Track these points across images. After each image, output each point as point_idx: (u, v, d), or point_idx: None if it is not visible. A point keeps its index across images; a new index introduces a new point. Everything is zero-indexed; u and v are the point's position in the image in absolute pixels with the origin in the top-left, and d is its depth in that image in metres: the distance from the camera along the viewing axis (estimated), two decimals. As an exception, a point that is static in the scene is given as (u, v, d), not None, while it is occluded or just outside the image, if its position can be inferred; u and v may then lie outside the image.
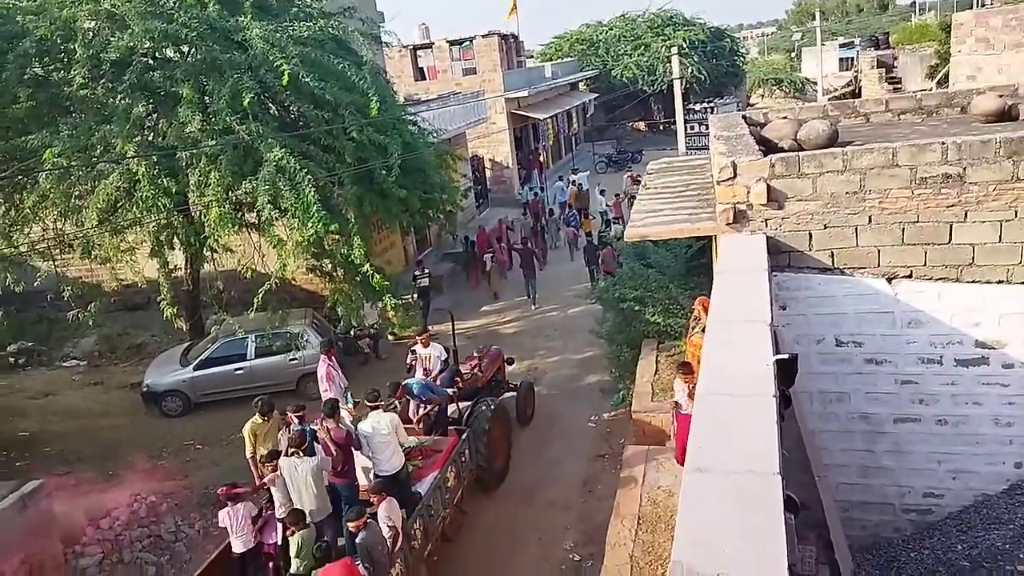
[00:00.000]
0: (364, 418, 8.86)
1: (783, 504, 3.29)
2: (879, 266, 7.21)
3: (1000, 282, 7.00)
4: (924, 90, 26.16)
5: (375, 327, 15.53)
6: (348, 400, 10.36)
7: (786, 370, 4.86)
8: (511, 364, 13.41)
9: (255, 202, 11.11)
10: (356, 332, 15.48)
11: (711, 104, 45.19)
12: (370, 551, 7.24)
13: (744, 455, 3.63)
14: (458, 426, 10.61)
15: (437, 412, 10.53)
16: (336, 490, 8.37)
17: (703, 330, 7.24)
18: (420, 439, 10.06)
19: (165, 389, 14.11)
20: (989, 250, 6.94)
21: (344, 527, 7.65)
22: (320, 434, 8.35)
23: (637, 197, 9.98)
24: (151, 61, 11.87)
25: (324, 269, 13.10)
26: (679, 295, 11.17)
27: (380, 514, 7.72)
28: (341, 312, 13.07)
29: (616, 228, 20.03)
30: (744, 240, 7.21)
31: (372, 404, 8.89)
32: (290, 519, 7.66)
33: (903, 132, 8.92)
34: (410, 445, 9.52)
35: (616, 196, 24.36)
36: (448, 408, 10.84)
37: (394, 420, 8.80)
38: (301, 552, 7.57)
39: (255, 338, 13.96)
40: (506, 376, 13.14)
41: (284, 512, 7.93)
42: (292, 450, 8.02)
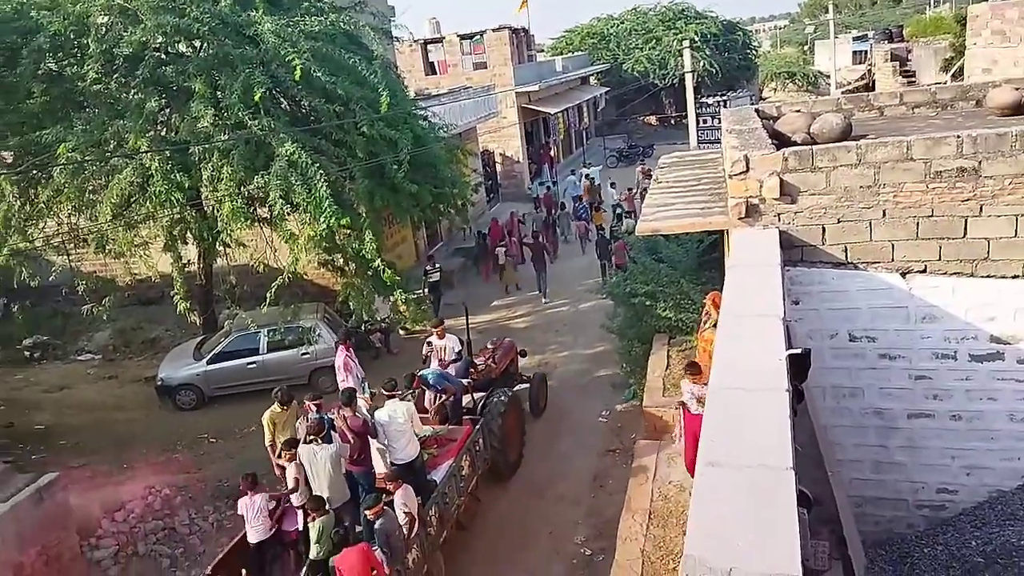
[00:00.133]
0: (381, 407, 8.96)
1: (796, 499, 3.27)
2: (893, 260, 7.14)
3: (1016, 277, 6.91)
4: (939, 83, 25.93)
5: (386, 321, 15.58)
6: (365, 390, 10.44)
7: (799, 365, 4.82)
8: (524, 356, 13.44)
9: (267, 197, 11.17)
10: (368, 327, 15.50)
11: (723, 98, 44.87)
12: (388, 537, 7.42)
13: (757, 449, 3.59)
14: (473, 416, 10.69)
15: (452, 402, 10.62)
16: (353, 477, 8.48)
17: (714, 325, 7.22)
18: (435, 428, 10.18)
19: (179, 383, 14.22)
20: (1004, 244, 6.86)
21: (361, 514, 7.80)
22: (337, 422, 8.47)
23: (648, 191, 9.94)
24: (164, 56, 11.94)
25: (336, 264, 13.17)
26: (690, 290, 11.12)
27: (397, 501, 7.85)
28: (353, 306, 13.13)
29: (628, 222, 19.96)
30: (756, 234, 7.14)
31: (389, 393, 9.02)
32: (311, 505, 7.78)
33: (917, 125, 8.82)
34: (425, 434, 9.65)
35: (628, 190, 24.28)
36: (463, 398, 10.92)
37: (410, 409, 8.93)
38: (321, 538, 7.69)
39: (267, 332, 14.02)
40: (519, 369, 13.18)
41: (302, 498, 8.03)
42: (311, 438, 8.13)
